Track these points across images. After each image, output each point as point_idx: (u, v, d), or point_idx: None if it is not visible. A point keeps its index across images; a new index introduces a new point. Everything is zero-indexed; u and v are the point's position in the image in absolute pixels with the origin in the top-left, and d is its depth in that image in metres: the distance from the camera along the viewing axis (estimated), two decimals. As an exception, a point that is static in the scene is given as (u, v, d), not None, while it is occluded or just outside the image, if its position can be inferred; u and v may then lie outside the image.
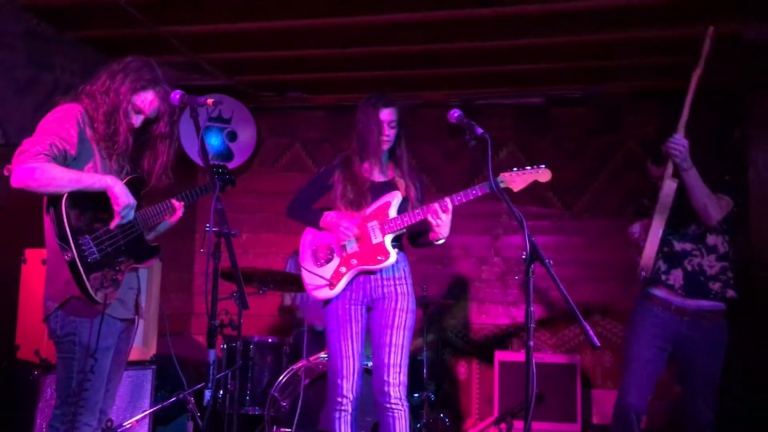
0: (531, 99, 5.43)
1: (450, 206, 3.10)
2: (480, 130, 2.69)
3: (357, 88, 5.24)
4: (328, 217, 3.25)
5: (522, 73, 4.88)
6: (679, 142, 3.24)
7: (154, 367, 3.71)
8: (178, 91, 2.55)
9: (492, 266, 5.45)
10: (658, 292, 3.42)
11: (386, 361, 3.09)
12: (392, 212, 3.21)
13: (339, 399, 3.09)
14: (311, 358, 3.96)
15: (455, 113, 2.83)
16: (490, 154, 2.63)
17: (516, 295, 5.35)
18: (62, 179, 2.41)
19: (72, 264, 2.41)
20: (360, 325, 3.18)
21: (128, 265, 2.62)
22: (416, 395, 4.55)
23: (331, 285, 3.16)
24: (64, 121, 2.50)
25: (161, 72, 2.68)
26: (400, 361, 3.10)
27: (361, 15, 3.98)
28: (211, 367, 2.23)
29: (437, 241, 3.18)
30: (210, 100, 2.47)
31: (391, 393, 3.06)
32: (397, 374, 3.07)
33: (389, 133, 3.21)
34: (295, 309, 4.83)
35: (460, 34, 4.20)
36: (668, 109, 5.13)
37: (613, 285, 5.00)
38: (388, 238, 3.18)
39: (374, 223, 3.20)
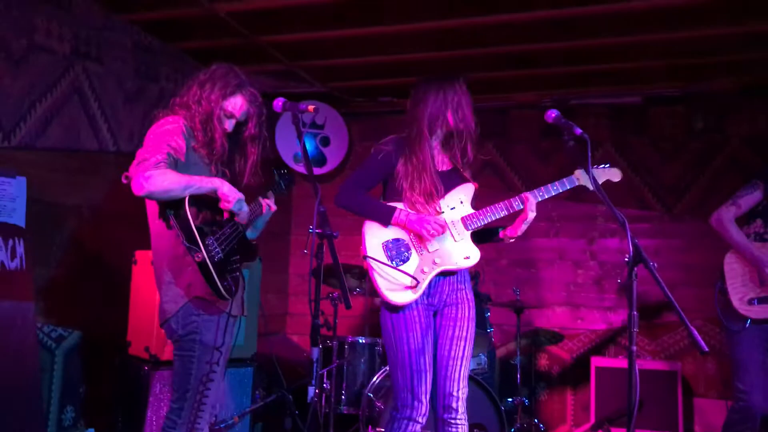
0: (628, 98, 5.28)
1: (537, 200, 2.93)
2: (579, 130, 2.63)
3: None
4: (403, 212, 2.84)
5: (618, 71, 4.76)
6: None
7: (255, 365, 3.83)
8: (280, 98, 2.62)
9: (587, 270, 5.33)
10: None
11: (458, 374, 2.82)
12: (468, 207, 2.93)
13: (417, 419, 2.75)
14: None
15: (552, 113, 2.76)
16: (590, 153, 2.58)
17: (613, 299, 5.21)
18: (179, 184, 2.51)
19: (203, 265, 2.50)
20: (432, 334, 2.85)
21: (241, 262, 2.73)
22: (510, 400, 4.51)
23: (414, 287, 2.77)
24: (173, 132, 2.62)
25: (245, 76, 2.79)
26: (467, 374, 2.88)
27: (454, 18, 3.99)
28: (315, 365, 2.29)
29: (512, 238, 2.95)
30: (311, 107, 2.54)
31: (459, 408, 2.80)
32: (465, 389, 2.84)
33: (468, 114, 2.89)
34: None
35: (555, 33, 4.13)
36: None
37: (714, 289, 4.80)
38: (468, 235, 2.89)
39: (456, 217, 2.90)
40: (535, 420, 4.70)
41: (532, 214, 2.91)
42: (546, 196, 2.99)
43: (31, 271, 3.30)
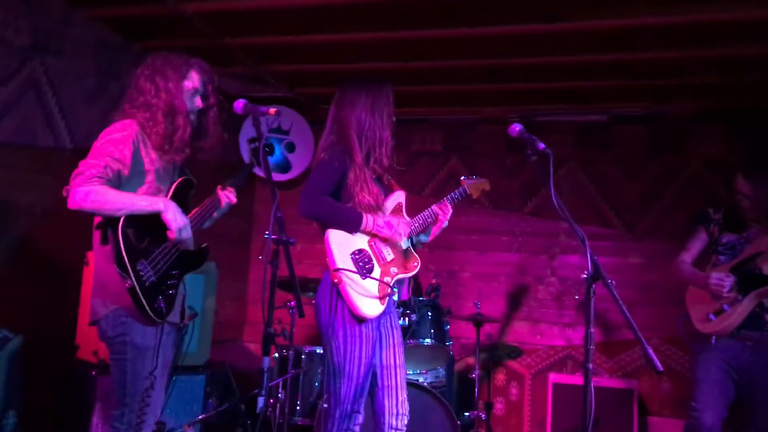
0: (592, 116, 5.33)
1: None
2: (542, 145, 2.64)
3: (416, 102, 5.24)
4: (370, 217, 2.82)
5: (584, 89, 4.80)
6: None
7: (207, 373, 3.74)
8: (241, 100, 2.58)
9: (548, 286, 5.35)
10: None
11: (400, 383, 2.87)
12: (405, 213, 3.01)
13: (353, 429, 2.76)
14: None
15: (516, 128, 2.77)
16: (552, 169, 2.57)
17: (572, 316, 5.23)
18: (115, 203, 2.48)
19: (132, 291, 2.46)
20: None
21: (182, 276, 2.68)
22: (467, 414, 4.47)
23: (383, 299, 2.78)
24: (118, 142, 2.57)
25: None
26: (405, 383, 2.91)
27: (422, 29, 3.98)
28: (265, 375, 2.23)
29: (423, 244, 3.09)
30: (272, 110, 2.50)
31: (406, 414, 2.85)
32: (405, 397, 2.86)
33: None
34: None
35: (523, 49, 4.15)
36: (735, 130, 5.01)
37: (673, 310, 4.84)
38: (409, 242, 2.99)
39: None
40: (491, 435, 4.68)
41: (446, 221, 3.02)
42: (455, 202, 3.10)
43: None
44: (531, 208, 5.39)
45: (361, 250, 2.83)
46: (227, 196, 2.85)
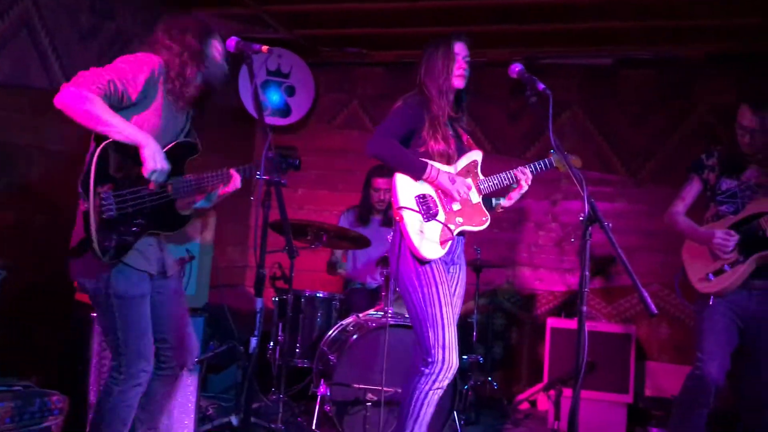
0: (599, 60, 5.21)
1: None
2: (542, 86, 2.58)
3: (419, 44, 5.10)
4: (434, 169, 2.86)
5: (590, 31, 4.69)
6: None
7: (205, 315, 3.76)
8: (233, 37, 2.51)
9: (549, 232, 5.33)
10: None
11: (456, 331, 2.90)
12: (480, 172, 3.03)
13: (447, 376, 2.76)
14: (361, 315, 3.96)
15: (516, 67, 2.71)
16: (551, 111, 2.51)
17: (573, 262, 5.23)
18: (100, 117, 2.34)
19: (85, 215, 2.37)
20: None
21: (146, 229, 2.54)
22: (465, 357, 4.51)
23: (444, 243, 2.84)
24: (136, 66, 2.47)
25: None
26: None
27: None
28: (258, 316, 2.23)
29: (503, 208, 3.08)
30: (265, 47, 2.42)
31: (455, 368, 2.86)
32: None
33: (465, 67, 2.94)
34: (339, 266, 4.82)
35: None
36: (745, 75, 4.89)
37: (674, 257, 4.82)
38: (481, 199, 3.00)
39: (469, 181, 2.98)
40: (489, 378, 4.73)
41: (526, 187, 3.02)
42: (538, 171, 3.08)
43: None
44: (534, 152, 5.33)
45: (426, 195, 2.89)
46: (235, 181, 2.73)
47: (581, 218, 2.34)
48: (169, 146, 2.59)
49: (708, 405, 3.20)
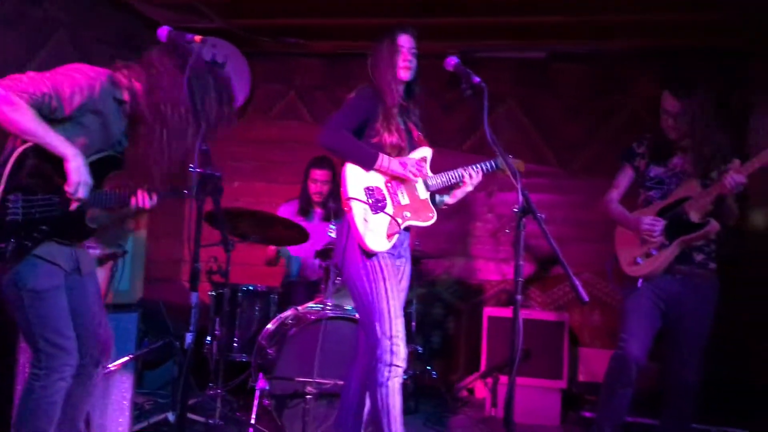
0: (533, 53, 5.31)
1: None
2: (477, 79, 2.63)
3: (356, 35, 5.12)
4: (386, 157, 2.88)
5: (525, 25, 4.77)
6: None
7: (139, 311, 3.67)
8: (165, 27, 2.45)
9: (485, 222, 5.42)
10: None
11: (402, 323, 2.92)
12: (428, 168, 3.05)
13: (399, 364, 2.77)
14: (300, 307, 3.94)
15: (452, 61, 2.76)
16: (486, 104, 2.56)
17: (508, 251, 5.33)
18: (28, 124, 2.30)
19: None
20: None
21: (49, 236, 2.46)
22: (404, 348, 4.55)
23: (391, 236, 2.85)
24: (76, 83, 2.40)
25: None
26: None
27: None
28: (193, 311, 2.19)
29: (447, 205, 3.12)
30: (198, 37, 2.38)
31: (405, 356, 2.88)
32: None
33: (411, 59, 2.95)
34: (277, 258, 4.78)
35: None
36: (672, 70, 5.07)
37: (606, 246, 4.97)
38: (429, 195, 3.03)
39: (423, 164, 3.01)
40: (428, 367, 4.79)
41: (471, 187, 3.07)
42: (485, 171, 3.12)
43: None
44: (470, 145, 5.40)
45: (375, 187, 2.90)
46: (143, 198, 2.62)
47: (515, 210, 2.40)
48: (95, 159, 2.52)
49: (631, 384, 3.33)
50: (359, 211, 2.82)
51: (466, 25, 4.83)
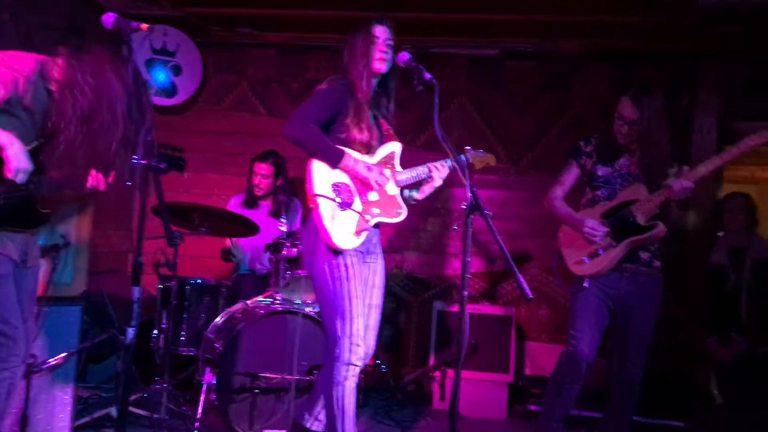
0: (486, 50, 5.36)
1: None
2: (428, 75, 2.64)
3: (311, 26, 5.09)
4: (352, 158, 2.84)
5: (478, 22, 4.80)
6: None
7: (82, 304, 3.59)
8: (111, 13, 2.39)
9: (437, 217, 5.45)
10: None
11: (374, 322, 2.95)
12: (397, 164, 3.03)
13: (357, 363, 2.76)
14: (249, 301, 3.90)
15: (404, 56, 2.77)
16: (437, 101, 2.57)
17: (459, 247, 5.37)
18: None
19: None
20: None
21: (5, 225, 2.43)
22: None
23: (359, 233, 2.82)
24: (5, 73, 2.35)
25: None
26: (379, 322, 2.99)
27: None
28: (135, 305, 2.15)
29: (416, 201, 3.12)
30: (144, 25, 2.32)
31: (370, 354, 2.90)
32: (374, 336, 2.93)
33: (387, 51, 2.89)
34: (234, 251, 4.74)
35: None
36: (620, 71, 5.18)
37: (554, 241, 5.06)
38: (399, 191, 3.01)
39: (388, 172, 2.97)
40: (378, 361, 4.81)
41: (440, 182, 3.05)
42: (453, 168, 3.04)
43: None
44: (423, 141, 5.42)
45: (343, 183, 2.84)
46: (96, 179, 2.58)
47: (464, 206, 2.43)
48: (36, 145, 2.45)
49: (579, 380, 3.40)
50: (326, 209, 2.77)
51: (420, 21, 4.84)
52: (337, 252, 2.78)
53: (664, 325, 3.65)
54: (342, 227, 2.78)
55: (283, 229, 3.99)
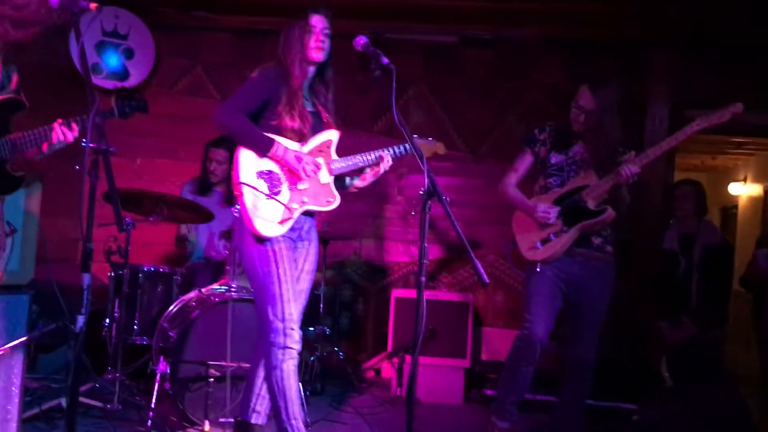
0: (443, 37, 5.35)
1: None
2: (386, 60, 2.63)
3: (266, 10, 5.00)
4: (281, 147, 2.82)
5: (435, 8, 4.79)
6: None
7: (31, 292, 3.48)
8: (57, -9, 2.31)
9: (395, 204, 5.45)
10: None
11: (302, 306, 2.95)
12: (333, 152, 3.01)
13: (293, 347, 2.78)
14: (203, 289, 3.84)
15: (361, 40, 2.75)
16: (394, 86, 2.56)
17: (416, 233, 5.38)
18: None
19: None
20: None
21: None
22: (311, 329, 4.55)
23: (284, 222, 2.82)
24: None
25: None
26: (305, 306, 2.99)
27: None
28: (85, 293, 2.10)
29: (358, 188, 3.12)
30: (93, 5, 2.25)
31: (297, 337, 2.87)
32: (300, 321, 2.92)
33: (323, 40, 2.91)
34: (189, 238, 4.66)
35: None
36: (573, 59, 5.24)
37: (509, 228, 5.11)
38: (332, 179, 2.98)
39: (321, 160, 2.95)
40: (336, 348, 4.80)
41: (383, 171, 3.04)
42: (397, 156, 3.08)
43: None
44: (381, 127, 5.41)
45: (271, 172, 2.84)
46: (63, 132, 2.56)
47: (421, 192, 2.43)
48: None
49: (533, 363, 3.45)
50: (249, 197, 2.77)
51: (378, 5, 4.81)
52: (262, 240, 2.79)
53: (616, 309, 3.72)
54: (266, 215, 2.78)
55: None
